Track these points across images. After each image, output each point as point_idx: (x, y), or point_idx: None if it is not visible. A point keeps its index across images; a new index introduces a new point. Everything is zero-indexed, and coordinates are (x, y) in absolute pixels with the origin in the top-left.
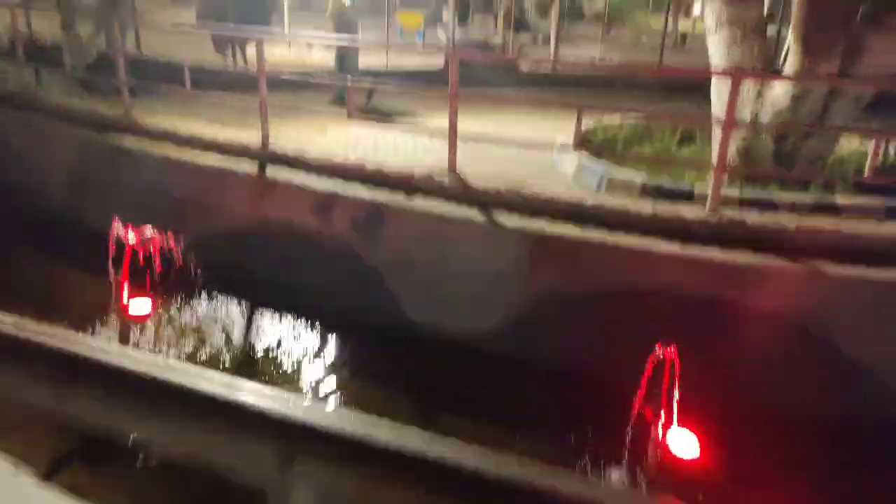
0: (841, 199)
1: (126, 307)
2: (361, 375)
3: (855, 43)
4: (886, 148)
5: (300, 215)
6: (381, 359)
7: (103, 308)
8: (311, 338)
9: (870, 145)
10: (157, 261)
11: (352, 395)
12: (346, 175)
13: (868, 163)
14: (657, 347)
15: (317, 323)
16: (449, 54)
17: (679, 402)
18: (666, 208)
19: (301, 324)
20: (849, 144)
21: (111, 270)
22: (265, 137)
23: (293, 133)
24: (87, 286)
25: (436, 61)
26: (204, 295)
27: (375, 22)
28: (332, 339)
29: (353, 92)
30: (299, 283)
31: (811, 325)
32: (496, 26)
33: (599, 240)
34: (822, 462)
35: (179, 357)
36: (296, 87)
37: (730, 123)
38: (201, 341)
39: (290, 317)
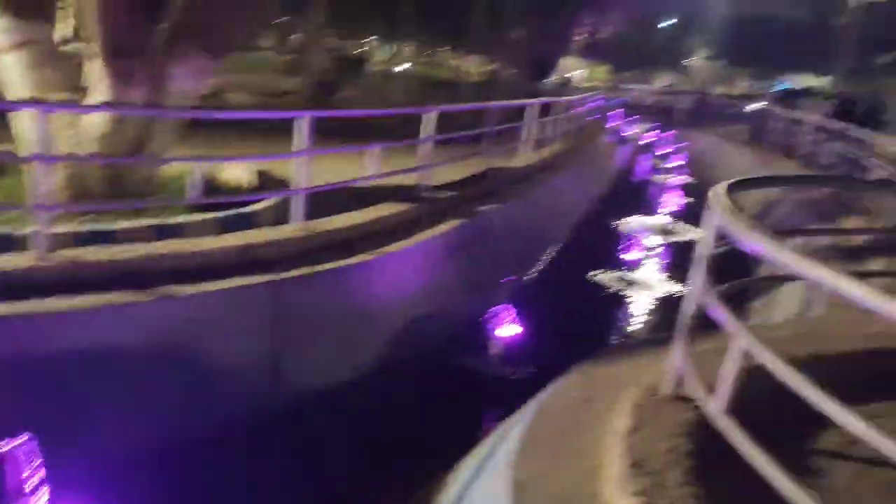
0: (181, 220)
1: None
2: None
3: (160, 71)
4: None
5: None
6: None
7: None
8: None
9: (193, 165)
10: None
11: None
12: None
13: (191, 182)
14: (12, 432)
15: None
16: None
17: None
18: None
19: None
20: (175, 167)
21: None
22: None
23: None
24: None
25: None
26: None
27: None
28: None
29: None
30: None
31: (179, 348)
32: None
33: None
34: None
35: None
36: None
37: (49, 158)
38: None
39: None
